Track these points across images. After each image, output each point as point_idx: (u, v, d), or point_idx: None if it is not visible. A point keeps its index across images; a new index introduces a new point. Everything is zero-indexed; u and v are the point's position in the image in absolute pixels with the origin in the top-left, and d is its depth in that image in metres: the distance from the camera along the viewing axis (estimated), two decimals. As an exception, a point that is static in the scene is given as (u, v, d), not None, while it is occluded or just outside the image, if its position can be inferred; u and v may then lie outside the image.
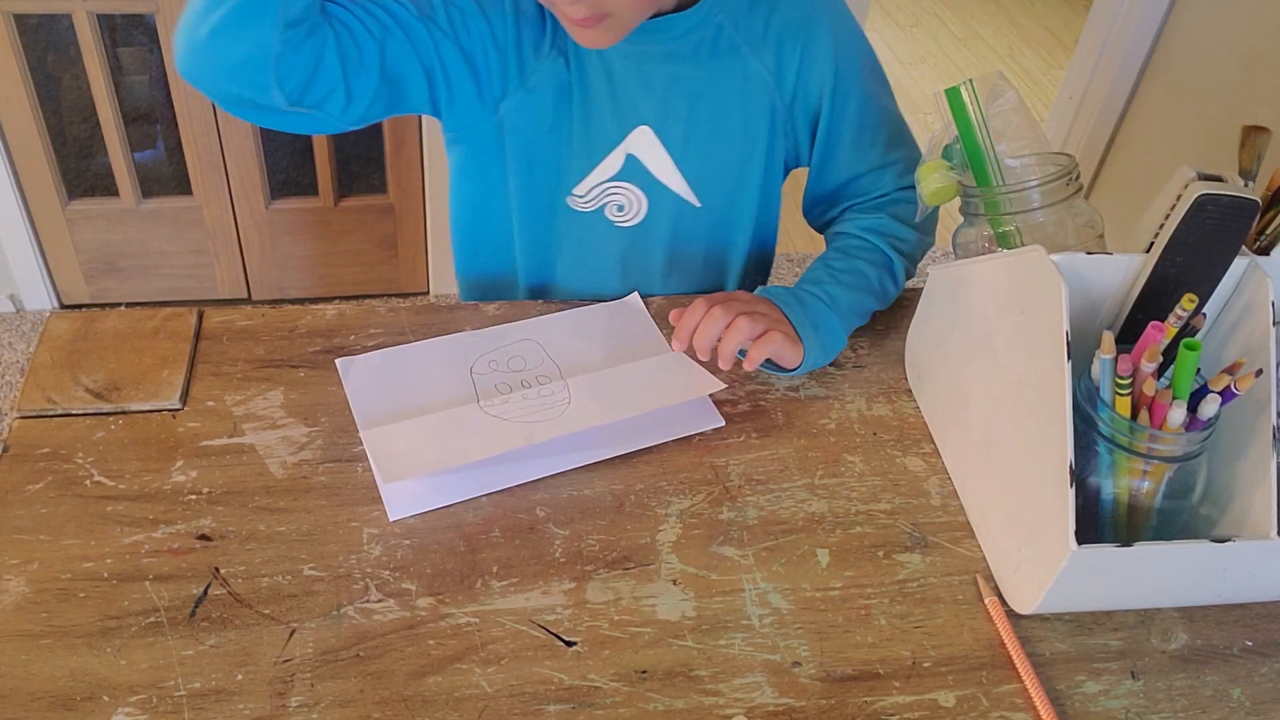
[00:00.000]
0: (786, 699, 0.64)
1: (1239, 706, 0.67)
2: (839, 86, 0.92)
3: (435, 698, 0.63)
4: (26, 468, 0.74)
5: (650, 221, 0.97)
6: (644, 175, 0.94)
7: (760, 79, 0.91)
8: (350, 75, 0.80)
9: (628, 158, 0.93)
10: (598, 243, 0.99)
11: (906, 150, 0.98)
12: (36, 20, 1.75)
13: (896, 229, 0.95)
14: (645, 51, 0.88)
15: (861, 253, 0.93)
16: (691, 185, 0.95)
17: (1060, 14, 3.72)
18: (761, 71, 0.91)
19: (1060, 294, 0.66)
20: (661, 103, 0.91)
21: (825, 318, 0.87)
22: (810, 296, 0.88)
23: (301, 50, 0.76)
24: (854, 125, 0.94)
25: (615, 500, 0.76)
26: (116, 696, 0.61)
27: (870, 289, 0.91)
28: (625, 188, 0.95)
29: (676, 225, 0.98)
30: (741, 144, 0.95)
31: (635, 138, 0.92)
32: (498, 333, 0.89)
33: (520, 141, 0.92)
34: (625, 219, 0.97)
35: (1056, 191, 0.81)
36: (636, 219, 0.97)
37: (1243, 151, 0.75)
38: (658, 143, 0.93)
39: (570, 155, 0.93)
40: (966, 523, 0.77)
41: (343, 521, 0.73)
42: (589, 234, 0.98)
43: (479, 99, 0.89)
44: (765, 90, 0.92)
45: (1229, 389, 0.66)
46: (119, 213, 1.98)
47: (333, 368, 0.84)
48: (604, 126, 0.92)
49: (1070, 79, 2.17)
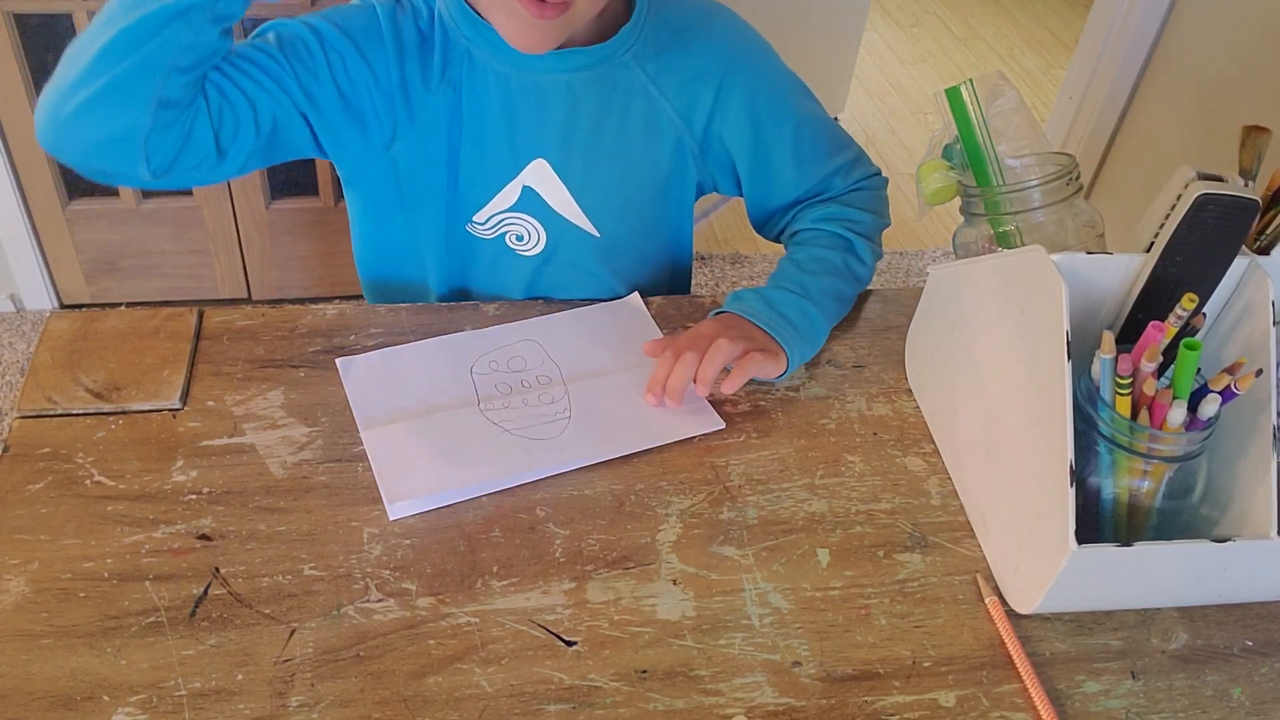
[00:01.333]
0: (787, 699, 0.64)
1: (1239, 706, 0.67)
2: (764, 123, 0.92)
3: (435, 698, 0.63)
4: (27, 468, 0.74)
5: (551, 251, 0.97)
6: (541, 207, 0.94)
7: (667, 117, 0.91)
8: (224, 141, 0.78)
9: (524, 189, 0.93)
10: (504, 268, 0.99)
11: (848, 153, 0.98)
12: (37, 20, 1.75)
13: (848, 213, 0.95)
14: (545, 82, 0.87)
15: (818, 240, 0.94)
16: (590, 217, 0.95)
17: (1060, 14, 3.72)
18: (668, 111, 0.91)
19: (1060, 294, 0.66)
20: (560, 136, 0.90)
21: (799, 309, 0.87)
22: (781, 292, 0.88)
23: (173, 127, 0.74)
24: (791, 151, 0.94)
25: (615, 500, 0.76)
26: (117, 696, 0.61)
27: (836, 270, 0.91)
28: (523, 219, 0.95)
29: (577, 254, 0.97)
30: (643, 178, 0.94)
31: (532, 170, 0.92)
32: (499, 332, 0.89)
33: (415, 178, 0.91)
34: (525, 248, 0.97)
35: (1057, 191, 0.81)
36: (537, 249, 0.97)
37: (1243, 151, 0.75)
38: (554, 176, 0.92)
39: (466, 186, 0.92)
40: (966, 522, 0.77)
41: (343, 521, 0.73)
42: (495, 260, 0.98)
43: (365, 143, 0.88)
44: (672, 128, 0.92)
45: (1229, 389, 0.66)
46: (119, 213, 1.98)
47: (333, 367, 0.84)
48: (499, 158, 0.91)
49: (1070, 79, 2.17)
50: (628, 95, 0.89)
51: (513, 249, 0.97)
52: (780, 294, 0.88)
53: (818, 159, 0.96)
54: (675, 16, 0.90)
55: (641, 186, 0.95)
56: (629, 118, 0.90)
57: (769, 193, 0.97)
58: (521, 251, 0.97)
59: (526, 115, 0.89)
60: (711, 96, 0.91)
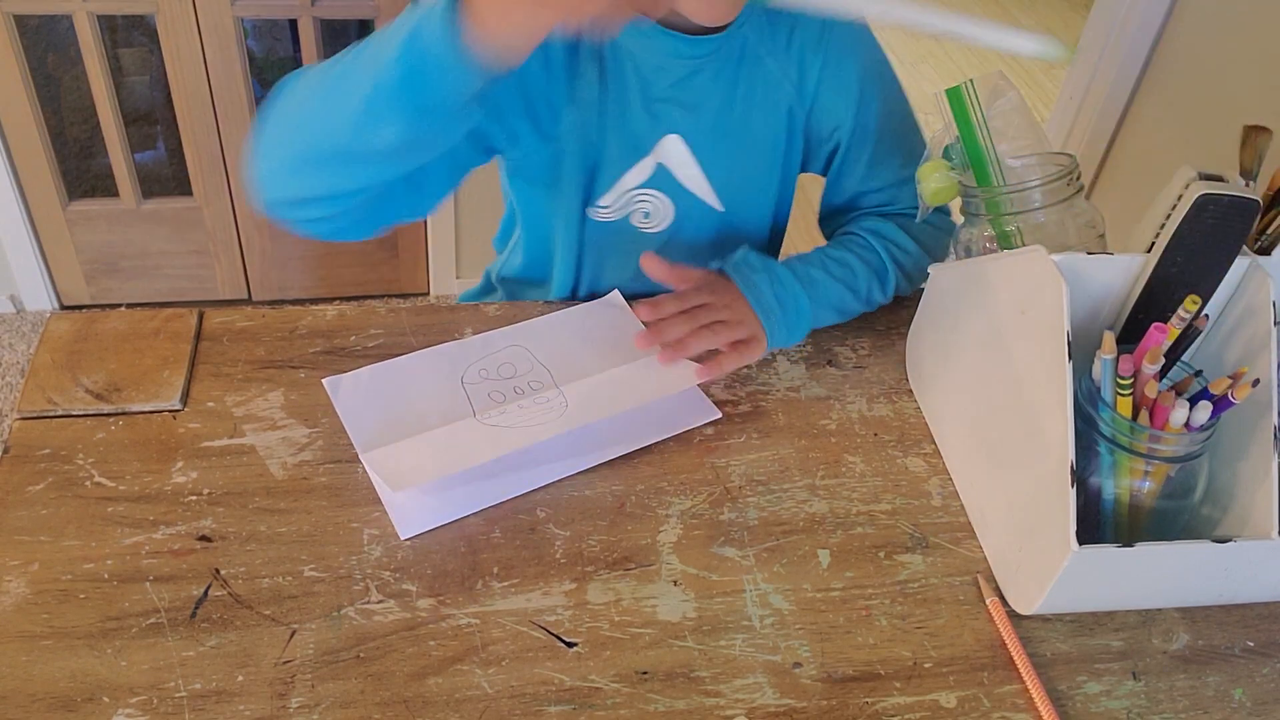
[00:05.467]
0: (787, 700, 0.64)
1: (1240, 707, 0.66)
2: (863, 103, 0.93)
3: (436, 699, 0.63)
4: (27, 469, 0.74)
5: (676, 228, 0.97)
6: (672, 183, 0.95)
7: (781, 86, 0.92)
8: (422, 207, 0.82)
9: (657, 166, 0.93)
10: (626, 248, 0.98)
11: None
12: (37, 21, 1.76)
13: (900, 238, 0.94)
14: (676, 64, 0.88)
15: (857, 249, 0.93)
16: (716, 190, 0.96)
17: (1060, 14, 3.72)
18: (783, 79, 0.92)
19: (1061, 294, 0.66)
20: (691, 111, 0.91)
21: (793, 295, 0.87)
22: (786, 272, 0.88)
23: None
24: (873, 142, 0.95)
25: (616, 501, 0.76)
26: (117, 698, 0.61)
27: (853, 285, 0.91)
28: (653, 195, 0.95)
29: (700, 230, 0.98)
30: (763, 149, 0.95)
31: (665, 146, 0.92)
32: (484, 341, 0.88)
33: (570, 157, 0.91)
34: (651, 225, 0.97)
35: (1057, 191, 0.81)
36: (662, 225, 0.97)
37: (1244, 151, 0.75)
38: (687, 150, 0.93)
39: (604, 163, 0.93)
40: (967, 523, 0.77)
41: (343, 522, 0.73)
42: (617, 241, 0.98)
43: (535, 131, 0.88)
44: (785, 97, 0.93)
45: (1226, 398, 0.66)
46: (119, 213, 1.98)
47: (333, 368, 0.84)
48: (637, 134, 0.92)
49: (1071, 79, 2.16)
50: (748, 65, 0.90)
51: (637, 227, 0.98)
52: (790, 280, 0.88)
53: (893, 161, 0.95)
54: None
55: (764, 160, 0.96)
56: (753, 91, 0.91)
57: (839, 179, 0.98)
58: (646, 229, 0.98)
59: (660, 92, 0.90)
60: (819, 64, 0.91)
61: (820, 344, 0.91)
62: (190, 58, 1.79)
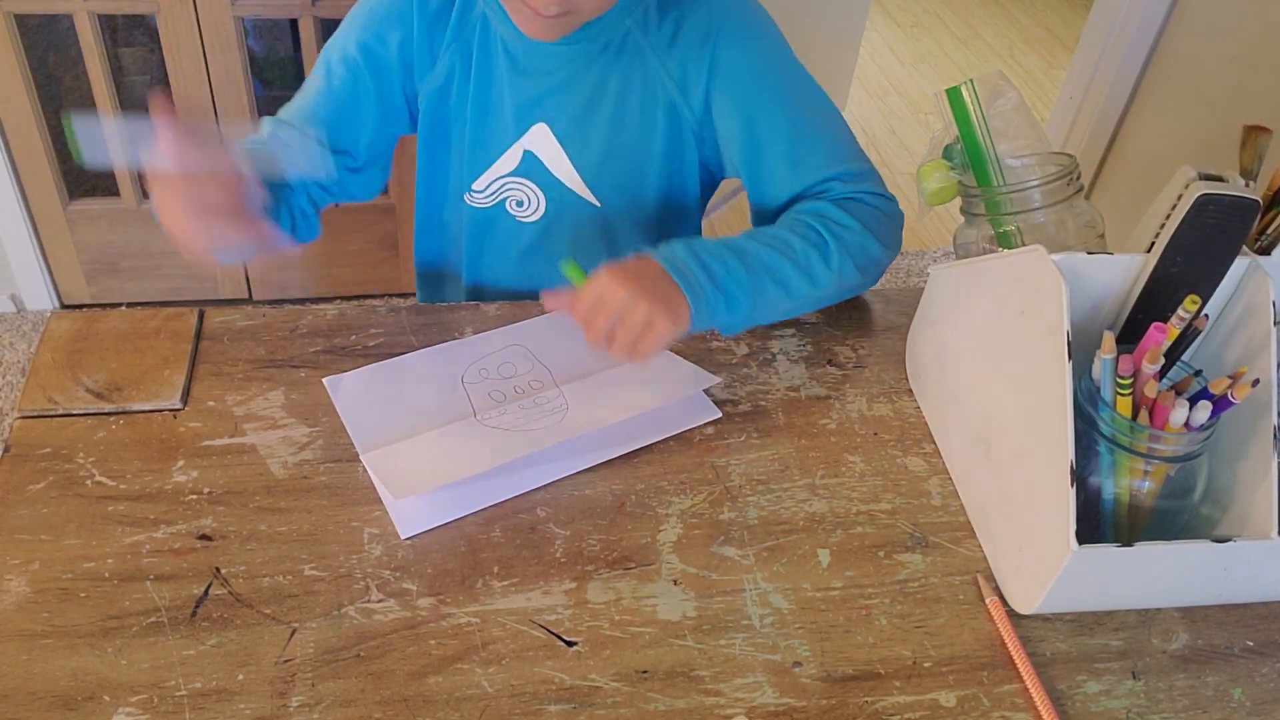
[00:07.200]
0: (787, 699, 0.64)
1: (1240, 707, 0.67)
2: (755, 105, 0.88)
3: (436, 698, 0.63)
4: (28, 468, 0.74)
5: (551, 219, 0.98)
6: (542, 172, 0.95)
7: (663, 85, 0.90)
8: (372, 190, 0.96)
9: (525, 154, 0.94)
10: (503, 235, 1.00)
11: (856, 164, 0.91)
12: (38, 20, 1.76)
13: (838, 215, 0.86)
14: (549, 48, 0.88)
15: (793, 226, 0.86)
16: (590, 186, 0.95)
17: (1061, 14, 3.72)
18: (665, 78, 0.89)
19: (1061, 294, 0.66)
20: (560, 101, 0.90)
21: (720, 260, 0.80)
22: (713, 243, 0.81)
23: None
24: (786, 144, 0.89)
25: (616, 500, 0.76)
26: (117, 696, 0.61)
27: (790, 256, 0.83)
28: (523, 184, 0.96)
29: (578, 224, 0.98)
30: (641, 149, 0.93)
31: (533, 135, 0.93)
32: (483, 340, 0.88)
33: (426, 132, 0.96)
34: (525, 214, 0.98)
35: (1057, 191, 0.82)
36: (536, 214, 0.98)
37: (1244, 151, 0.75)
38: (555, 141, 0.92)
39: (471, 149, 0.95)
40: (967, 523, 0.77)
41: (344, 521, 0.73)
42: (493, 227, 1.00)
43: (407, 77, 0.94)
44: (667, 98, 0.90)
45: (1225, 398, 0.66)
46: (120, 213, 1.98)
47: (334, 368, 0.84)
48: (503, 121, 0.92)
49: (1071, 79, 2.17)
50: (628, 62, 0.89)
51: (512, 214, 0.98)
52: (714, 245, 0.81)
53: (816, 158, 0.89)
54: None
55: (640, 158, 0.94)
56: (629, 86, 0.90)
57: (762, 188, 0.92)
58: (521, 217, 0.98)
59: (529, 79, 0.90)
60: (706, 67, 0.88)
61: (820, 344, 0.92)
62: (191, 57, 1.79)
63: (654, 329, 0.75)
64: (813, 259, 0.84)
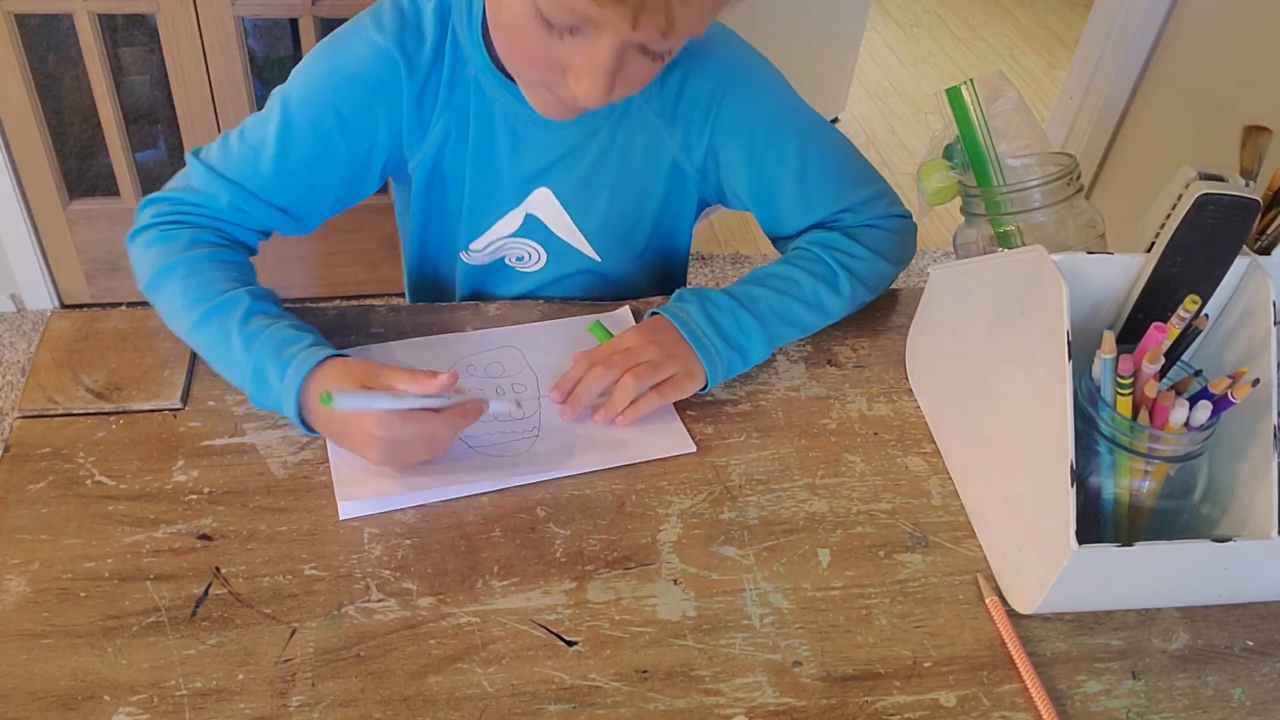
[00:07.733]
0: (787, 699, 0.64)
1: (1240, 706, 0.67)
2: (764, 155, 0.89)
3: (436, 697, 0.63)
4: (28, 468, 0.74)
5: (551, 271, 0.98)
6: (544, 232, 0.95)
7: (665, 146, 0.90)
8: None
9: (527, 217, 0.93)
10: (496, 285, 1.00)
11: (867, 189, 0.94)
12: (38, 20, 1.76)
13: (848, 245, 0.91)
14: (554, 123, 0.85)
15: (801, 261, 0.90)
16: (592, 243, 0.96)
17: (1061, 14, 3.72)
18: (667, 140, 0.90)
19: (1061, 294, 0.66)
20: (564, 167, 0.90)
21: (732, 315, 0.84)
22: (727, 299, 0.85)
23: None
24: (795, 184, 0.91)
25: (616, 500, 0.76)
26: (118, 696, 0.61)
27: (801, 296, 0.87)
28: (525, 243, 0.96)
29: (577, 276, 0.99)
30: (643, 207, 0.94)
31: (535, 198, 0.92)
32: (481, 337, 0.88)
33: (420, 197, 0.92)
34: (526, 267, 0.99)
35: (1057, 191, 0.82)
36: (537, 266, 0.98)
37: (1244, 151, 0.75)
38: (557, 204, 0.92)
39: (469, 211, 0.93)
40: (967, 522, 0.77)
41: (344, 521, 0.73)
42: (492, 278, 1.00)
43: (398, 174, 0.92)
44: (671, 156, 0.91)
45: (1226, 398, 0.66)
46: (120, 212, 1.98)
47: (334, 367, 0.84)
48: (503, 187, 0.91)
49: (1071, 79, 2.17)
50: (632, 127, 0.89)
51: (512, 267, 0.99)
52: (725, 301, 0.85)
53: (826, 194, 0.92)
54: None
55: (642, 215, 0.95)
56: (631, 148, 0.90)
57: (775, 223, 0.95)
58: (521, 269, 0.99)
59: (532, 145, 0.88)
60: (709, 129, 0.89)
61: (820, 344, 0.92)
62: (191, 57, 1.79)
63: (690, 378, 0.82)
64: (822, 293, 0.89)
